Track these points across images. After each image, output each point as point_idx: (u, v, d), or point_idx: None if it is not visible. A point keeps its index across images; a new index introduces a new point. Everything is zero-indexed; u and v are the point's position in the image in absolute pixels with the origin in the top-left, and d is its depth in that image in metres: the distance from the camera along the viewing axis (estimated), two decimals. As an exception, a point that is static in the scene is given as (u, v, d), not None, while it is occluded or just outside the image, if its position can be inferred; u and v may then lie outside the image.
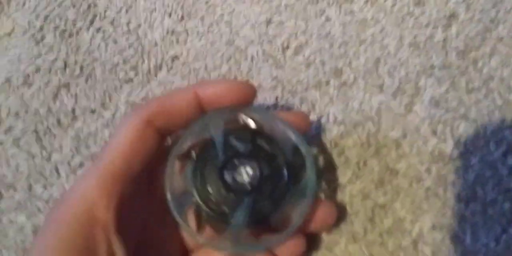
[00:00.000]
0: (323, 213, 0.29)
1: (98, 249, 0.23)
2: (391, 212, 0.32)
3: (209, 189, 0.28)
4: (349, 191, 0.33)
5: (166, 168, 0.28)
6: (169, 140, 0.30)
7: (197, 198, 0.28)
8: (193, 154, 0.28)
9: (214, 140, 0.28)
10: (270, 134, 0.29)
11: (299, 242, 0.29)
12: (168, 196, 0.28)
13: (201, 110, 0.28)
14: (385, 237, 0.31)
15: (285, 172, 0.28)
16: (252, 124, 0.29)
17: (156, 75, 0.40)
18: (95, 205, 0.24)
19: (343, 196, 0.33)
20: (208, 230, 0.28)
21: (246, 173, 0.28)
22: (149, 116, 0.26)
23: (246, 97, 0.28)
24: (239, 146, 0.28)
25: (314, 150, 0.35)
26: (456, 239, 0.30)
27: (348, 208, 0.33)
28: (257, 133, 0.29)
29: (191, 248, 0.31)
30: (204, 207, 0.28)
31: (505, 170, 0.32)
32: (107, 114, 0.39)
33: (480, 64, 0.35)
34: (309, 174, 0.28)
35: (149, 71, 0.40)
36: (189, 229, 0.28)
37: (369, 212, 0.32)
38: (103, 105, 0.40)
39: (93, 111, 0.39)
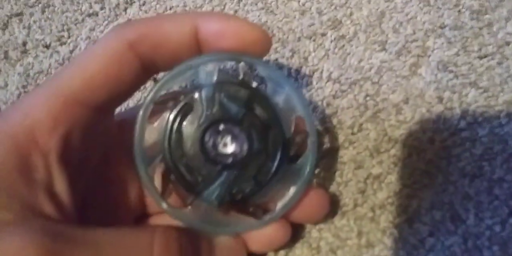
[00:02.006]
0: (313, 203, 0.24)
1: (34, 175, 0.19)
2: (385, 184, 0.27)
3: (185, 150, 0.22)
4: (339, 157, 0.28)
5: (138, 113, 0.22)
6: None
7: (168, 157, 0.22)
8: (172, 103, 0.23)
9: (201, 90, 0.22)
10: (271, 98, 0.23)
11: (283, 232, 0.24)
12: (135, 148, 0.22)
13: (196, 49, 0.22)
14: (377, 212, 0.27)
15: (279, 150, 0.22)
16: (252, 81, 0.23)
17: (125, 11, 0.34)
18: (37, 127, 0.20)
19: (332, 162, 0.28)
20: (175, 197, 0.23)
21: (231, 143, 0.22)
22: (132, 38, 0.21)
23: (258, 47, 0.22)
24: (230, 107, 0.22)
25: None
26: (457, 218, 0.26)
27: (337, 176, 0.28)
28: (256, 94, 0.23)
29: (152, 211, 0.26)
30: (175, 170, 0.22)
31: (516, 146, 0.27)
32: (64, 50, 0.33)
33: (495, 27, 0.31)
34: (309, 157, 0.22)
35: (117, 5, 0.34)
36: (153, 191, 0.22)
37: (361, 182, 0.28)
38: (59, 39, 0.34)
39: (47, 46, 0.34)
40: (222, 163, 0.22)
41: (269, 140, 0.22)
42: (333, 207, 0.27)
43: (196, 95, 0.22)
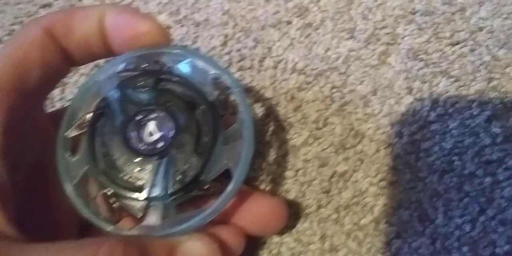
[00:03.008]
0: (269, 214, 0.22)
1: None
2: (351, 183, 0.25)
3: (116, 163, 0.20)
4: (303, 154, 0.26)
5: (56, 153, 0.20)
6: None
7: (105, 180, 0.20)
8: (85, 125, 0.21)
9: (107, 97, 0.20)
10: (181, 74, 0.21)
11: (236, 241, 0.21)
12: (67, 188, 0.20)
13: (104, 39, 0.21)
14: (341, 213, 0.24)
15: (208, 115, 0.20)
16: (154, 66, 0.21)
17: (81, 1, 0.31)
18: None
19: (295, 160, 0.26)
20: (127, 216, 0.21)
21: (155, 129, 0.20)
22: (46, 24, 0.20)
23: (152, 39, 0.21)
24: (140, 97, 0.20)
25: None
26: (425, 218, 0.24)
27: (300, 176, 0.26)
28: (163, 75, 0.21)
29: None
30: (114, 190, 0.20)
31: (487, 139, 0.25)
32: (16, 45, 0.30)
33: (468, 12, 0.28)
34: (242, 109, 0.20)
35: (72, -6, 0.31)
36: (103, 223, 0.20)
37: (325, 181, 0.25)
38: (11, 33, 0.31)
39: (-2, 40, 0.31)
40: (155, 152, 0.20)
41: (194, 111, 0.20)
42: (295, 209, 0.25)
43: (105, 105, 0.20)
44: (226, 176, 0.20)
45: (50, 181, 0.22)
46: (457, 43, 0.27)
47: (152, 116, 0.20)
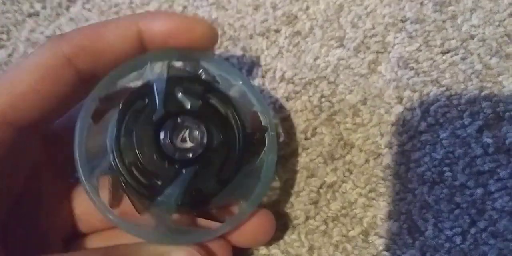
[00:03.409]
0: (256, 226, 0.21)
1: None
2: (340, 194, 0.24)
3: (138, 152, 0.19)
4: (291, 165, 0.25)
5: (80, 112, 0.19)
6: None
7: (117, 161, 0.19)
8: (121, 100, 0.19)
9: (153, 86, 0.19)
10: (226, 93, 0.20)
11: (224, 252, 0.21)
12: (76, 152, 0.19)
13: (141, 51, 0.20)
14: (330, 224, 0.24)
15: (239, 143, 0.19)
16: (206, 75, 0.20)
17: (67, 10, 0.30)
18: None
19: (284, 171, 0.25)
20: (124, 206, 0.20)
21: (191, 137, 0.19)
22: (70, 52, 0.18)
23: (205, 42, 0.20)
24: (186, 100, 0.19)
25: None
26: (415, 230, 0.23)
27: (288, 187, 0.25)
28: (211, 88, 0.20)
29: (86, 230, 0.23)
30: (125, 175, 0.19)
31: (479, 149, 0.24)
32: (2, 54, 0.30)
33: (459, 20, 0.27)
34: (269, 152, 0.20)
35: (59, 4, 0.31)
36: (98, 201, 0.19)
37: (313, 192, 0.25)
38: (-2, 42, 0.30)
39: (-16, 49, 0.30)
40: (181, 159, 0.19)
41: (229, 134, 0.20)
42: (283, 220, 0.24)
43: (148, 91, 0.19)
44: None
45: (39, 198, 0.21)
46: (448, 52, 0.27)
47: (191, 124, 0.19)
